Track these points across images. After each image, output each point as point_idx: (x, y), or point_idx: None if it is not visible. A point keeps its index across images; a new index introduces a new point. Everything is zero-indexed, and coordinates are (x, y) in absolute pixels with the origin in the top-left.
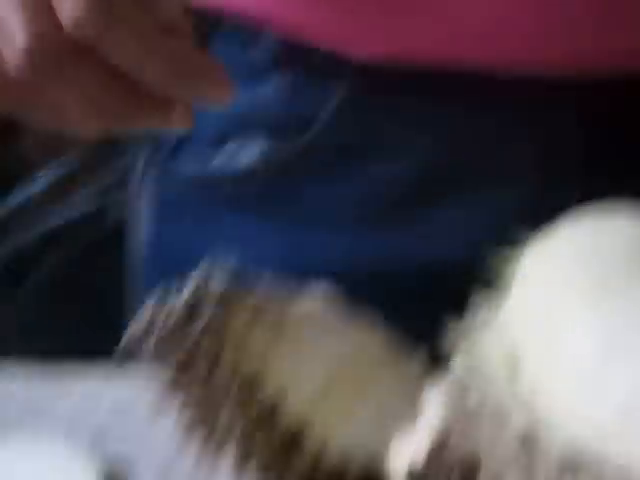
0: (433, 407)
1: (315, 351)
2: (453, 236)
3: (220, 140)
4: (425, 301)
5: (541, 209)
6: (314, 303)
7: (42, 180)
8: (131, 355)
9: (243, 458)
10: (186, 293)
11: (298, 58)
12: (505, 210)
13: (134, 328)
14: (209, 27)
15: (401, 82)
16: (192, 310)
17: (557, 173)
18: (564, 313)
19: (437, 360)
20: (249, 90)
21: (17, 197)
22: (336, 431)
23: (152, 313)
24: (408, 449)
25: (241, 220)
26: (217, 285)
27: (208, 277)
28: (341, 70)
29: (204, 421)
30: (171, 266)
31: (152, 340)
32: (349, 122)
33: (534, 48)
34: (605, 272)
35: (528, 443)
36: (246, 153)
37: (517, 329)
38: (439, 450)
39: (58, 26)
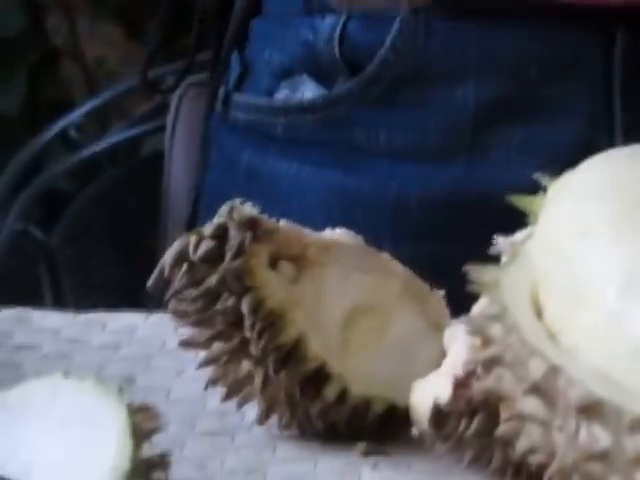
0: (456, 348)
1: (336, 288)
2: (509, 168)
3: (284, 73)
4: (464, 235)
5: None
6: (335, 240)
7: (81, 110)
8: (161, 288)
9: (266, 403)
10: (215, 221)
11: None
12: (559, 144)
13: (167, 257)
14: None
15: (461, 8)
16: (221, 233)
17: (605, 110)
18: (587, 249)
19: (464, 297)
20: (312, 25)
21: (52, 129)
22: (359, 368)
23: (184, 242)
24: (432, 388)
25: (293, 161)
26: (244, 212)
27: (235, 208)
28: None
29: (229, 364)
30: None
31: (184, 268)
32: (407, 54)
33: None
34: (627, 208)
35: (544, 391)
36: (309, 87)
37: (542, 266)
38: (462, 391)
39: None
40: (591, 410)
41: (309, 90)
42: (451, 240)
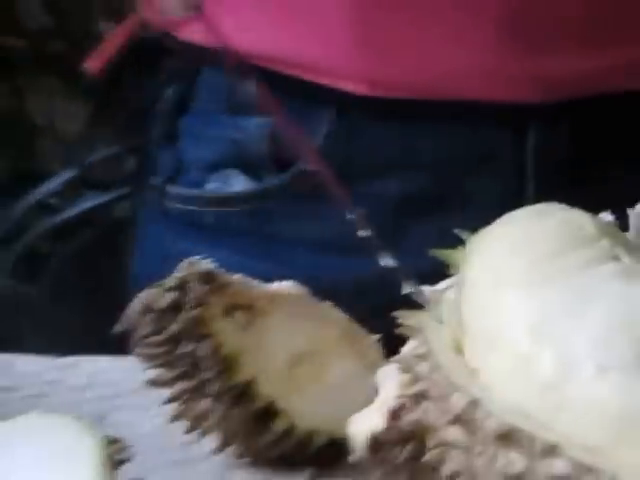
0: (388, 385)
1: (281, 335)
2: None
3: (213, 167)
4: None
5: None
6: (281, 292)
7: (57, 180)
8: (128, 334)
9: (223, 435)
10: (176, 274)
11: (289, 90)
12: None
13: (134, 306)
14: (198, 59)
15: (384, 111)
16: (181, 286)
17: (518, 199)
18: (500, 298)
19: (393, 342)
20: (237, 124)
21: (34, 195)
22: (303, 405)
23: (149, 294)
24: (368, 421)
25: (226, 249)
26: (202, 267)
27: (194, 264)
28: (329, 102)
29: (191, 401)
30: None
31: (148, 318)
32: (337, 149)
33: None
34: (537, 261)
35: (465, 422)
36: (239, 180)
37: (462, 312)
38: (394, 422)
39: None
40: (507, 438)
41: (238, 183)
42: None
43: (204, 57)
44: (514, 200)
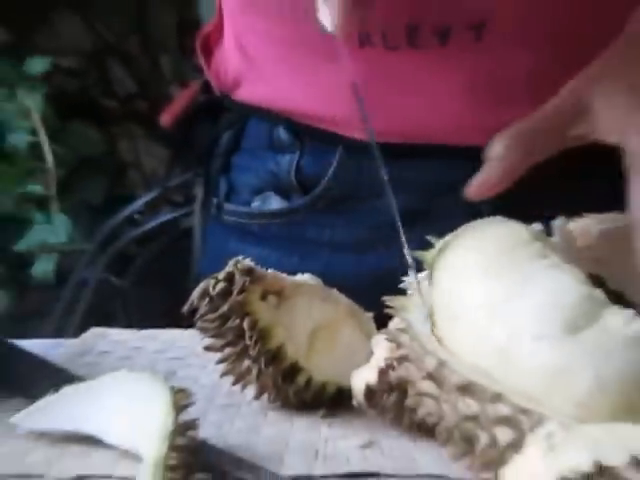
0: (379, 350)
1: (303, 313)
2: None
3: (255, 192)
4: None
5: None
6: (302, 282)
7: (140, 200)
8: (192, 313)
9: (259, 387)
10: (224, 271)
11: (310, 135)
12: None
13: (195, 293)
14: (245, 113)
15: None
16: (229, 279)
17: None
18: (462, 288)
19: (383, 319)
20: (275, 159)
21: (123, 213)
22: (319, 364)
23: (206, 284)
24: (364, 375)
25: (267, 249)
26: (244, 264)
27: (238, 262)
28: (338, 145)
29: (236, 362)
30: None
31: (206, 301)
32: (343, 180)
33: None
34: (492, 257)
35: (436, 377)
36: (274, 201)
37: (434, 295)
38: (385, 376)
39: None
40: (466, 389)
41: (275, 203)
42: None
43: (249, 112)
44: (474, 216)
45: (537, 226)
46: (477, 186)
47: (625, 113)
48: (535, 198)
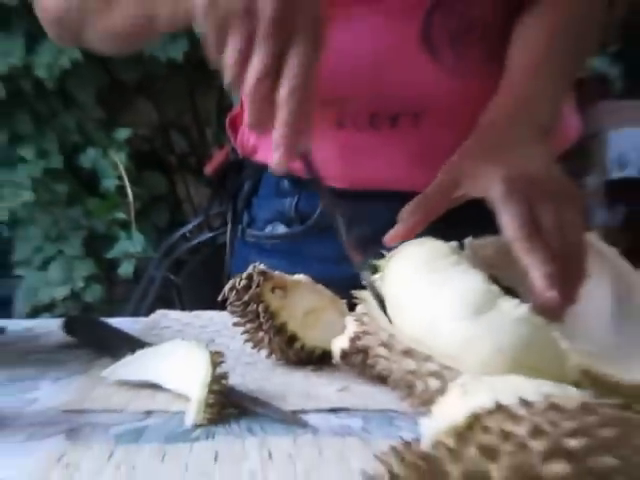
0: (350, 326)
1: (300, 301)
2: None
3: (268, 222)
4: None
5: None
6: (300, 280)
7: (191, 224)
8: (225, 301)
9: (270, 350)
10: (246, 272)
11: (304, 186)
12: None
13: (226, 287)
14: (261, 169)
15: (353, 196)
16: (249, 278)
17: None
18: (403, 285)
19: (353, 306)
20: (281, 201)
21: (179, 231)
22: (310, 334)
23: (234, 281)
24: (340, 342)
25: (275, 259)
26: (260, 268)
27: (255, 267)
28: (322, 192)
29: (254, 333)
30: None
31: (234, 292)
32: (327, 215)
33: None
34: (420, 265)
35: (387, 345)
36: (280, 228)
37: (385, 292)
38: (354, 343)
39: None
40: (407, 353)
41: (281, 229)
42: (348, 296)
43: (263, 169)
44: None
45: (453, 243)
46: (393, 236)
47: (484, 178)
48: (451, 225)
